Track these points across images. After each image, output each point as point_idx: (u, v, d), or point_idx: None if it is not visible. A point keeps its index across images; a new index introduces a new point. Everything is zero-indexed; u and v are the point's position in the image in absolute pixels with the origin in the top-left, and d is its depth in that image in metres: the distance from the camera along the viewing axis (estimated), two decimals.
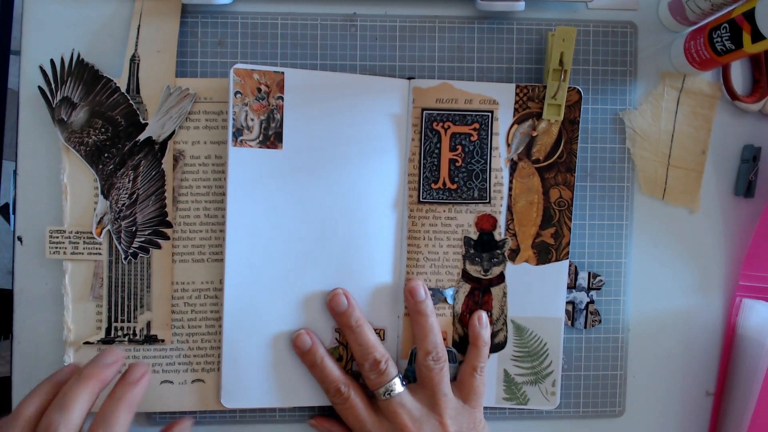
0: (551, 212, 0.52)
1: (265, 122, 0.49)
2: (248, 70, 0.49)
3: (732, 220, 0.55)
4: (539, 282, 0.52)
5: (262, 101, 0.49)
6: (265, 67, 0.49)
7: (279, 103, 0.49)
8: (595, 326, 0.53)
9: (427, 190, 0.51)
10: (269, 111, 0.49)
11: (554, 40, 0.49)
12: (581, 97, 0.51)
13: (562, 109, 0.51)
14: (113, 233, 0.50)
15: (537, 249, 0.52)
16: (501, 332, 0.52)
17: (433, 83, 0.51)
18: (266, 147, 0.49)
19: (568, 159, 0.52)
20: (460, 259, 0.52)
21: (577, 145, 0.52)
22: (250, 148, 0.49)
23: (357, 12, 0.52)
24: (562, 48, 0.49)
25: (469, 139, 0.51)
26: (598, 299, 0.53)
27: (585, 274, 0.53)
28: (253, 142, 0.49)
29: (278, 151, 0.49)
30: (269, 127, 0.49)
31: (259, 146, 0.49)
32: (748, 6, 0.44)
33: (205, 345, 0.51)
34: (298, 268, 0.50)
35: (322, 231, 0.50)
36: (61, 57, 0.50)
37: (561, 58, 0.49)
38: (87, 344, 0.50)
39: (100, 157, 0.50)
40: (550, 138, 0.51)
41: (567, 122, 0.51)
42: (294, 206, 0.50)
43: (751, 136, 0.55)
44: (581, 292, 0.53)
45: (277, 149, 0.49)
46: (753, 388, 0.50)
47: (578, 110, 0.51)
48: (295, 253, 0.50)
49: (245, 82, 0.49)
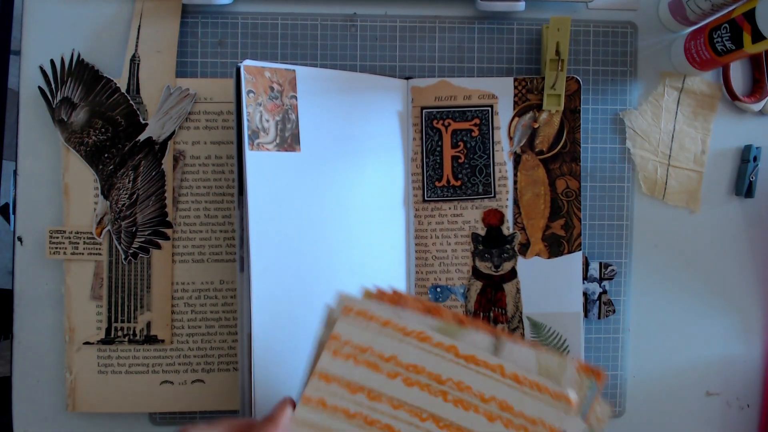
0: (559, 203, 0.51)
1: (281, 123, 0.46)
2: (259, 68, 0.45)
3: (732, 220, 0.55)
4: (553, 276, 0.51)
5: (276, 100, 0.46)
6: (276, 65, 0.46)
7: (293, 103, 0.47)
8: (609, 316, 0.53)
9: (431, 189, 0.51)
10: (284, 111, 0.46)
11: (549, 30, 0.49)
12: (580, 86, 0.51)
13: (561, 99, 0.51)
14: (113, 233, 0.50)
15: (548, 242, 0.51)
16: (517, 330, 0.51)
17: (430, 81, 0.51)
18: (284, 150, 0.46)
19: (572, 148, 0.51)
20: (469, 256, 0.51)
21: (580, 134, 0.51)
22: (267, 152, 0.45)
23: (357, 12, 0.52)
24: (557, 38, 0.49)
25: (470, 135, 0.51)
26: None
27: (596, 265, 0.53)
28: (271, 145, 0.45)
29: (297, 154, 0.46)
30: (285, 128, 0.46)
31: (277, 149, 0.46)
32: (748, 6, 0.44)
33: (205, 345, 0.51)
34: (322, 273, 0.48)
35: (341, 235, 0.48)
36: (61, 57, 0.50)
37: (557, 48, 0.49)
38: (87, 344, 0.50)
39: (100, 157, 0.50)
40: (552, 129, 0.51)
41: (568, 112, 0.51)
42: (316, 210, 0.47)
43: (751, 136, 0.55)
44: (593, 283, 0.53)
45: (295, 152, 0.46)
46: None
47: (578, 99, 0.51)
48: (319, 257, 0.47)
49: (257, 80, 0.45)
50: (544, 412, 0.35)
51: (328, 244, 0.48)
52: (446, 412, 0.36)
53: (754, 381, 0.55)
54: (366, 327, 0.38)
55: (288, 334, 0.45)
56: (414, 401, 0.36)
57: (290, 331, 0.46)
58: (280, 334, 0.45)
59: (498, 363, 0.36)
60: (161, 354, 0.51)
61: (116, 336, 0.50)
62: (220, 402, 0.51)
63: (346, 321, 0.38)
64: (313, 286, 0.47)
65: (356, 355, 0.37)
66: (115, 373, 0.50)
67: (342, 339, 0.38)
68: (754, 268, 0.55)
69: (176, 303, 0.51)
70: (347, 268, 0.48)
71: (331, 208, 0.48)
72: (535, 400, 0.36)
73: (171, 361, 0.51)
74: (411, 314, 0.38)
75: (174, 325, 0.51)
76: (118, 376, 0.50)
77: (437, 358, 0.37)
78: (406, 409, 0.36)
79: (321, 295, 0.45)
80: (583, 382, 0.36)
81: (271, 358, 0.45)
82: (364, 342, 0.37)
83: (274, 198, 0.45)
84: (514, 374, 0.36)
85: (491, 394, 0.36)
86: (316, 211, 0.47)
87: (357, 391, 0.37)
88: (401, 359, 0.37)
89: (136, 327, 0.50)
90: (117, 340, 0.50)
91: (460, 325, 0.37)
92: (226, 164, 0.51)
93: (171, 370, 0.51)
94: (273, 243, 0.45)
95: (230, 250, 0.51)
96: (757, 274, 0.55)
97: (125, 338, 0.50)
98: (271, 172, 0.45)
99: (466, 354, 0.37)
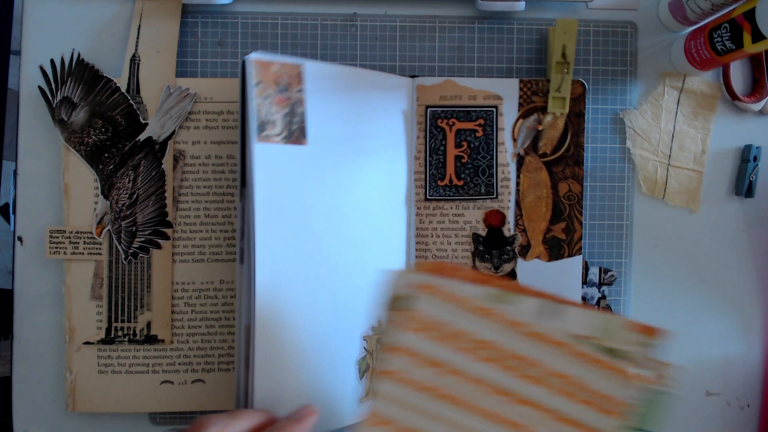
0: (561, 206, 0.51)
1: (288, 116, 0.46)
2: (265, 62, 0.45)
3: (732, 220, 0.55)
4: (553, 279, 0.51)
5: (284, 93, 0.45)
6: (283, 59, 0.46)
7: (300, 97, 0.46)
8: None
9: (434, 188, 0.51)
10: (291, 104, 0.46)
11: (556, 33, 0.49)
12: (586, 89, 0.51)
13: (566, 102, 0.51)
14: (113, 233, 0.50)
15: (548, 245, 0.51)
16: None
17: (436, 81, 0.51)
18: (291, 143, 0.46)
19: (575, 152, 0.51)
20: (469, 256, 0.51)
21: (584, 138, 0.51)
22: (275, 144, 0.45)
23: (357, 12, 0.52)
24: (564, 40, 0.49)
25: (474, 135, 0.51)
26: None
27: (595, 270, 0.53)
28: (278, 137, 0.45)
29: (303, 147, 0.46)
30: (292, 121, 0.46)
31: (284, 142, 0.45)
32: (748, 6, 0.44)
33: (205, 345, 0.51)
34: (327, 271, 0.47)
35: (347, 231, 0.48)
36: (61, 57, 0.50)
37: (563, 50, 0.49)
38: (87, 344, 0.50)
39: (101, 157, 0.50)
40: (556, 131, 0.51)
41: (573, 115, 0.51)
42: (320, 204, 0.47)
43: (751, 136, 0.55)
44: (592, 288, 0.53)
45: (302, 145, 0.46)
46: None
47: (583, 103, 0.51)
48: (323, 254, 0.47)
49: (264, 73, 0.45)
50: (610, 387, 0.36)
51: (332, 237, 0.48)
52: (519, 386, 0.37)
53: (753, 381, 0.55)
54: (440, 303, 0.39)
55: (290, 326, 0.45)
56: (489, 376, 0.38)
57: (292, 323, 0.45)
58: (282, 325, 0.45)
59: (563, 340, 0.38)
60: (161, 354, 0.51)
61: (116, 336, 0.50)
62: (220, 402, 0.51)
63: (423, 298, 0.39)
64: (314, 282, 0.47)
65: (433, 329, 0.39)
66: (115, 373, 0.50)
67: (420, 314, 0.39)
68: (754, 268, 0.55)
69: (176, 303, 0.51)
70: (347, 263, 0.48)
71: (335, 202, 0.48)
72: (601, 376, 0.37)
73: (171, 361, 0.51)
74: (469, 286, 0.39)
75: (174, 325, 0.51)
76: (118, 376, 0.50)
77: (508, 335, 0.38)
78: (482, 384, 0.38)
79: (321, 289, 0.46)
80: (641, 340, 0.37)
81: (272, 349, 0.45)
82: (441, 318, 0.39)
83: (281, 190, 0.45)
84: (580, 351, 0.37)
85: (561, 370, 0.37)
86: (321, 205, 0.47)
87: (434, 365, 0.38)
88: (476, 336, 0.38)
89: (136, 327, 0.50)
90: (117, 340, 0.50)
91: (516, 292, 0.39)
92: (226, 164, 0.51)
93: (171, 370, 0.51)
94: (278, 234, 0.45)
95: (230, 250, 0.51)
96: (757, 274, 0.55)
97: (125, 338, 0.50)
98: (279, 164, 0.45)
99: (535, 331, 0.38)
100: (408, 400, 0.38)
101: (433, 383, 0.38)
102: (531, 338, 0.38)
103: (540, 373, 0.38)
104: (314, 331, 0.46)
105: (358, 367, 0.49)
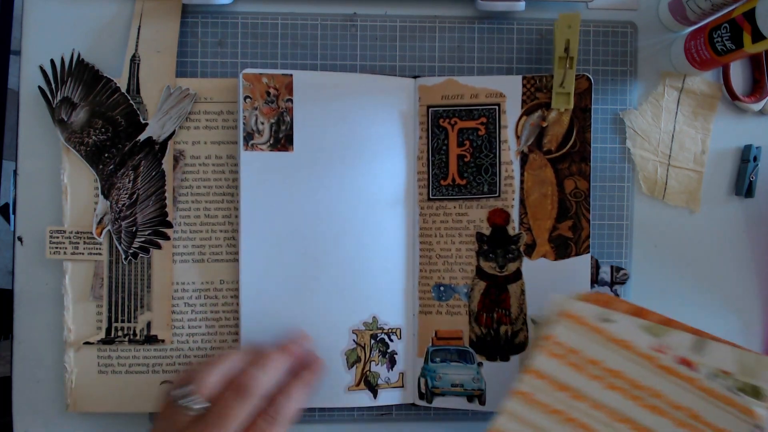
0: (567, 204, 0.51)
1: (275, 125, 0.49)
2: (257, 75, 0.49)
3: (732, 220, 0.55)
4: (560, 278, 0.50)
5: (272, 104, 0.49)
6: (274, 71, 0.49)
7: (288, 106, 0.49)
8: None
9: (437, 187, 0.51)
10: (279, 114, 0.49)
11: (559, 27, 0.48)
12: (591, 84, 0.50)
13: (571, 97, 0.50)
14: (113, 233, 0.50)
15: (555, 243, 0.51)
16: (521, 332, 0.51)
17: (438, 80, 0.51)
18: (277, 150, 0.49)
19: (581, 148, 0.50)
20: (473, 255, 0.51)
21: (590, 133, 0.50)
22: (261, 152, 0.49)
23: (357, 12, 0.52)
24: (567, 35, 0.48)
25: (476, 134, 0.51)
26: None
27: (607, 268, 0.52)
28: (264, 145, 0.49)
29: (289, 154, 0.49)
30: (279, 130, 0.49)
31: (270, 149, 0.49)
32: (748, 6, 0.44)
33: (205, 345, 0.51)
34: (313, 269, 0.50)
35: (334, 231, 0.50)
36: (61, 57, 0.50)
37: (567, 45, 0.48)
38: (87, 344, 0.50)
39: (101, 157, 0.50)
40: (561, 128, 0.51)
41: (578, 110, 0.50)
42: (306, 207, 0.50)
43: (751, 136, 0.55)
44: (604, 287, 0.52)
45: (288, 151, 0.49)
46: None
47: (589, 98, 0.50)
48: (309, 254, 0.50)
49: (254, 86, 0.49)
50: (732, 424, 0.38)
51: (318, 241, 0.50)
52: (639, 415, 0.39)
53: None
54: (577, 330, 0.42)
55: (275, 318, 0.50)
56: (611, 404, 0.40)
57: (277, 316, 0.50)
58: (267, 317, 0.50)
59: (691, 376, 0.40)
60: (161, 354, 0.51)
61: (116, 336, 0.50)
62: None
63: (562, 324, 0.42)
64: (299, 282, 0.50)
65: (566, 356, 0.41)
66: (115, 373, 0.50)
67: (556, 340, 0.42)
68: (754, 268, 0.55)
69: (176, 303, 0.51)
70: (341, 265, 0.50)
71: (323, 206, 0.50)
72: (723, 412, 0.39)
73: (171, 361, 0.51)
74: (620, 315, 0.42)
75: (174, 325, 0.51)
76: (118, 376, 0.50)
77: (638, 366, 0.40)
78: (604, 411, 0.40)
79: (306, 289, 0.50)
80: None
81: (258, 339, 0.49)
82: (575, 345, 0.42)
83: (264, 195, 0.49)
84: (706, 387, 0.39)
85: (683, 403, 0.39)
86: (307, 208, 0.50)
87: (562, 390, 0.41)
88: (605, 364, 0.41)
89: (136, 327, 0.50)
90: (117, 340, 0.50)
91: (665, 325, 0.41)
92: (226, 164, 0.51)
93: (171, 370, 0.51)
94: (261, 238, 0.49)
95: (230, 250, 0.51)
96: (757, 274, 0.55)
97: (125, 338, 0.50)
98: (263, 170, 0.49)
99: (665, 365, 0.40)
100: (529, 419, 0.40)
101: (557, 406, 0.41)
102: (661, 371, 0.40)
103: (663, 404, 0.39)
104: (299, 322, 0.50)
105: (346, 357, 0.50)
